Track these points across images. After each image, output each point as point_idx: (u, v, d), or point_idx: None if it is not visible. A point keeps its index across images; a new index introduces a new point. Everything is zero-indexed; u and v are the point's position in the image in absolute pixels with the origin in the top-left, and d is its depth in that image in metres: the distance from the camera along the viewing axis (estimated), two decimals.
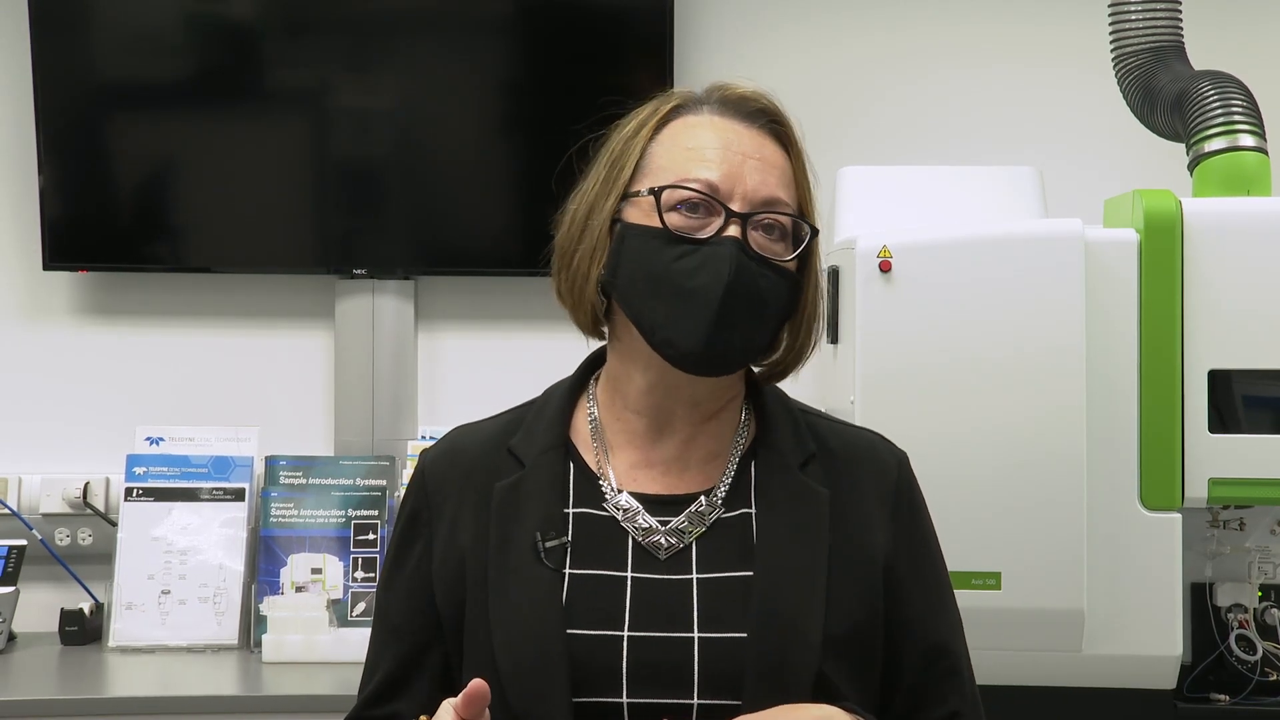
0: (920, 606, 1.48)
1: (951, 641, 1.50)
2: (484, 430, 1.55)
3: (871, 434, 1.56)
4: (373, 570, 2.90)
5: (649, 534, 1.44)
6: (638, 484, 1.47)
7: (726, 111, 1.48)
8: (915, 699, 1.47)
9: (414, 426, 3.16)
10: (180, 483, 2.97)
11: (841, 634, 1.41)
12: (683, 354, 1.42)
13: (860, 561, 1.45)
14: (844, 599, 1.42)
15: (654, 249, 1.42)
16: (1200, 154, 2.45)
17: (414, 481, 1.55)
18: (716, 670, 1.38)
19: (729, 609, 1.40)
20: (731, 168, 1.43)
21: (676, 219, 1.43)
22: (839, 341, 2.44)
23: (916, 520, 1.52)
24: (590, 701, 1.38)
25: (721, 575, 1.42)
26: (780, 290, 1.44)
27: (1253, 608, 2.40)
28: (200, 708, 2.56)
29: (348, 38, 3.11)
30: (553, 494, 1.46)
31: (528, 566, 1.42)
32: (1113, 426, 2.29)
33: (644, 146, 1.47)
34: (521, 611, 1.41)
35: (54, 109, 3.05)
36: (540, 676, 1.38)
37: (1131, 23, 2.60)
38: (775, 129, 1.49)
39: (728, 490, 1.47)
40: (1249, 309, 2.29)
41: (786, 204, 1.45)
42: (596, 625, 1.40)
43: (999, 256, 2.29)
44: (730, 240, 1.41)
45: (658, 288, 1.42)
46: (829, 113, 3.19)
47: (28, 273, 3.15)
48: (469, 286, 3.22)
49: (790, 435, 1.50)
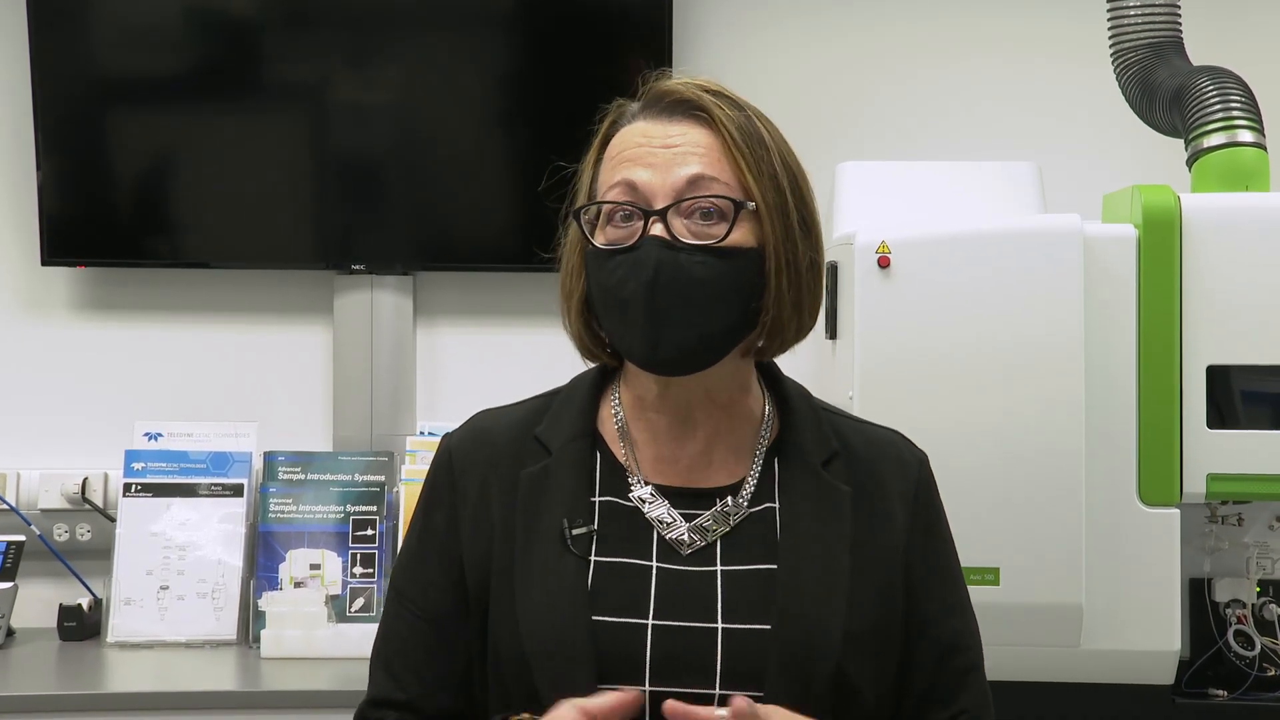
0: (936, 605, 1.48)
1: (966, 641, 1.50)
2: (509, 416, 1.55)
3: (893, 433, 1.57)
4: (371, 566, 2.90)
5: (673, 528, 1.45)
6: (663, 477, 1.48)
7: (649, 112, 1.47)
8: (928, 697, 1.47)
9: (412, 422, 3.16)
10: (179, 478, 2.97)
11: (862, 630, 1.42)
12: (644, 360, 1.43)
13: (881, 559, 1.45)
14: (865, 596, 1.43)
15: (599, 268, 1.44)
16: (1199, 149, 2.45)
17: (439, 461, 1.54)
18: (739, 661, 1.39)
19: (752, 601, 1.41)
20: (650, 162, 1.42)
21: (612, 233, 1.43)
22: (838, 337, 2.44)
23: (935, 520, 1.52)
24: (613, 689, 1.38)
25: (745, 568, 1.43)
26: (729, 271, 1.41)
27: (1251, 603, 2.41)
28: (199, 703, 2.56)
29: (347, 32, 3.10)
30: (579, 483, 1.46)
31: (554, 554, 1.43)
32: (1111, 422, 2.29)
33: (593, 170, 1.49)
34: (548, 598, 1.41)
35: (52, 104, 3.05)
36: (566, 662, 1.39)
37: (1130, 18, 2.60)
38: (697, 114, 1.45)
39: (753, 490, 1.47)
40: (1248, 304, 2.29)
41: (716, 180, 1.42)
42: (621, 613, 1.40)
43: (998, 252, 2.30)
44: (649, 240, 1.40)
45: (606, 304, 1.44)
46: (827, 108, 3.20)
47: (26, 268, 3.15)
48: (468, 282, 3.22)
49: (813, 434, 1.50)
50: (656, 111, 1.46)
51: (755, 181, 1.43)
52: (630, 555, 1.43)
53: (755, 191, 1.43)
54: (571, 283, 1.49)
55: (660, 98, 1.47)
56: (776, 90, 3.20)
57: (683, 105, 1.45)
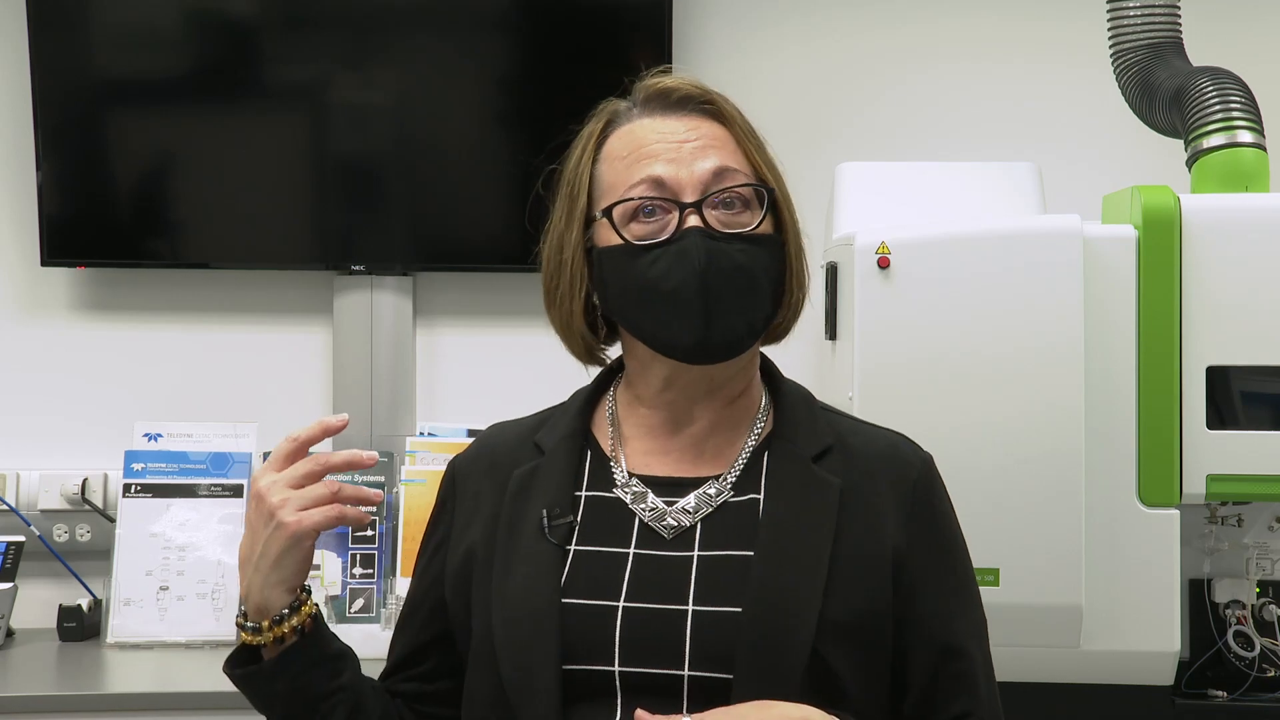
0: (932, 607, 1.48)
1: (966, 644, 1.49)
2: (516, 426, 1.60)
3: (896, 435, 1.57)
4: (370, 566, 2.90)
5: (656, 515, 1.46)
6: (650, 468, 1.49)
7: (653, 110, 1.50)
8: (926, 700, 1.47)
9: (412, 422, 3.16)
10: (178, 479, 2.97)
11: (842, 620, 1.41)
12: (688, 350, 1.44)
13: (868, 553, 1.45)
14: (847, 586, 1.43)
15: (626, 265, 1.45)
16: (1199, 150, 2.45)
17: (445, 478, 1.61)
18: (708, 643, 1.39)
19: (726, 585, 1.41)
20: (672, 158, 1.45)
21: (638, 229, 1.45)
22: (837, 338, 2.44)
23: (936, 522, 1.52)
24: (581, 669, 1.39)
25: (722, 553, 1.43)
26: (762, 257, 1.46)
27: (1250, 604, 2.41)
28: (198, 704, 2.56)
29: (346, 33, 3.10)
30: (565, 477, 1.49)
31: (532, 544, 1.45)
32: (1111, 422, 2.29)
33: (590, 170, 1.50)
34: (522, 581, 1.44)
35: (52, 105, 3.05)
36: (532, 643, 1.40)
37: (1130, 19, 2.60)
38: (705, 109, 1.50)
39: (738, 476, 1.48)
40: (1247, 305, 2.29)
41: (738, 171, 1.47)
42: (592, 595, 1.42)
43: (997, 252, 2.29)
44: (692, 230, 1.43)
45: (641, 300, 1.45)
46: (827, 109, 3.20)
47: (26, 269, 3.15)
48: (467, 282, 3.22)
49: (807, 428, 1.51)
50: (663, 108, 1.49)
51: (768, 170, 1.49)
52: (608, 544, 1.45)
53: (769, 178, 1.49)
54: (571, 288, 1.50)
55: (664, 94, 1.50)
56: (776, 90, 3.20)
57: (689, 100, 1.49)
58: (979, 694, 1.49)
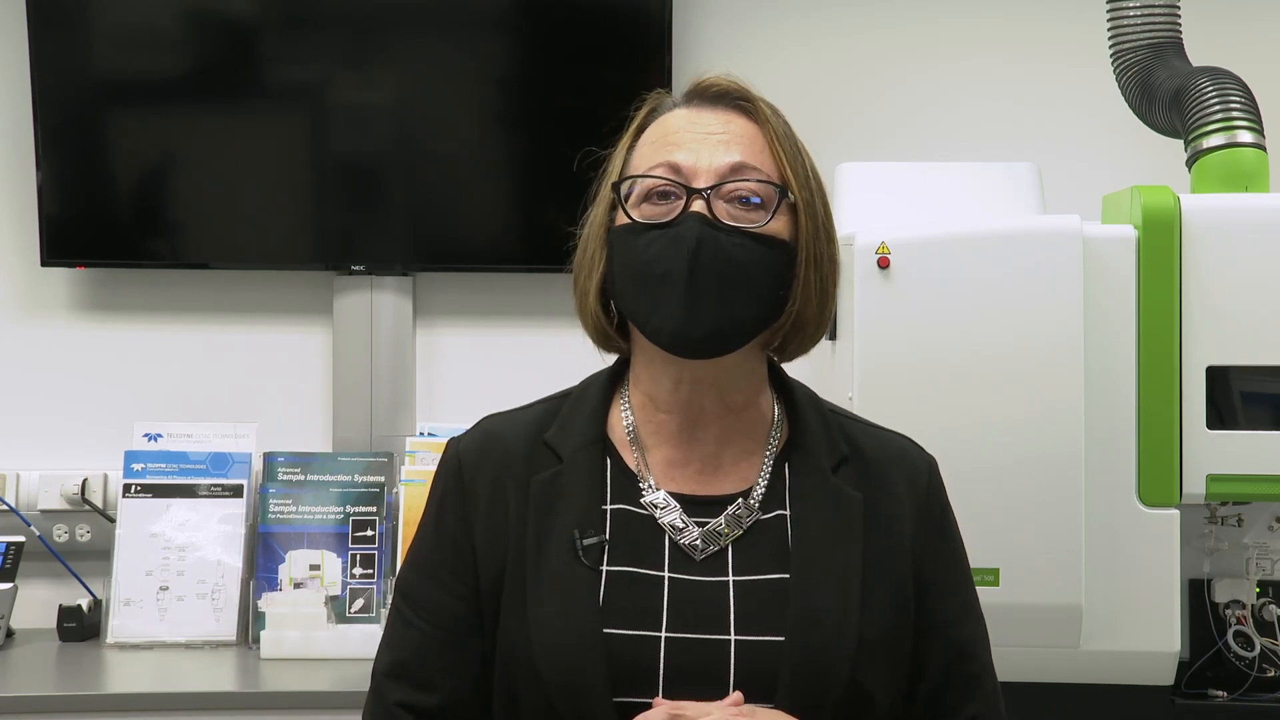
0: (946, 611, 1.48)
1: (975, 646, 1.50)
2: (518, 420, 1.54)
3: (902, 437, 1.57)
4: (371, 567, 2.90)
5: (685, 535, 1.44)
6: (675, 483, 1.47)
7: (692, 101, 1.50)
8: (938, 702, 1.47)
9: (412, 423, 3.16)
10: (178, 479, 2.97)
11: (875, 637, 1.42)
12: (671, 337, 1.42)
13: (893, 565, 1.46)
14: (878, 603, 1.43)
15: (629, 245, 1.44)
16: (1199, 150, 2.45)
17: (449, 467, 1.52)
18: (752, 672, 1.39)
19: (765, 612, 1.41)
20: (694, 146, 1.44)
21: (648, 210, 1.44)
22: (837, 338, 2.44)
23: (944, 525, 1.53)
24: (627, 701, 1.38)
25: (758, 578, 1.43)
26: (763, 257, 1.43)
27: (1250, 604, 2.41)
28: (198, 704, 2.56)
29: (346, 33, 3.10)
30: (591, 491, 1.46)
31: (565, 565, 1.42)
32: (1111, 423, 2.29)
33: (625, 156, 1.49)
34: (560, 610, 1.41)
35: (52, 105, 3.05)
36: (581, 677, 1.38)
37: (1130, 19, 2.60)
38: (742, 106, 1.49)
39: (763, 494, 1.47)
40: (1247, 305, 2.29)
41: (758, 169, 1.44)
42: (634, 625, 1.40)
43: (997, 253, 2.29)
44: (692, 215, 1.41)
45: (636, 280, 1.43)
46: (827, 109, 3.19)
47: (26, 269, 3.15)
48: (467, 283, 3.22)
49: (823, 438, 1.50)
50: (701, 101, 1.49)
51: (794, 176, 1.46)
52: (642, 565, 1.43)
53: (793, 185, 1.46)
54: (590, 266, 1.48)
55: (705, 89, 1.49)
56: (776, 90, 3.16)
57: (727, 96, 1.49)
58: (988, 696, 1.50)
